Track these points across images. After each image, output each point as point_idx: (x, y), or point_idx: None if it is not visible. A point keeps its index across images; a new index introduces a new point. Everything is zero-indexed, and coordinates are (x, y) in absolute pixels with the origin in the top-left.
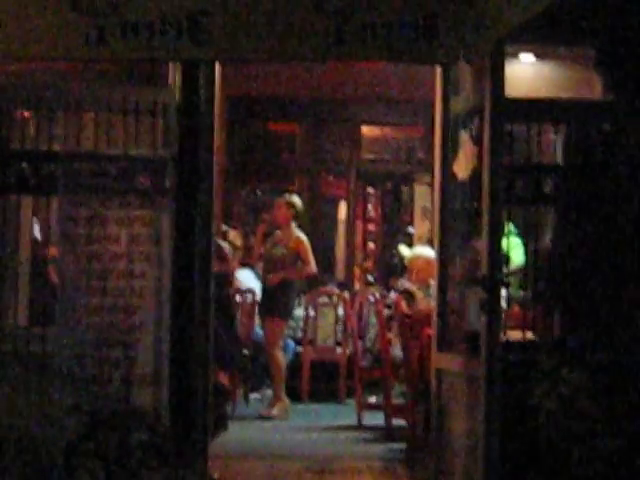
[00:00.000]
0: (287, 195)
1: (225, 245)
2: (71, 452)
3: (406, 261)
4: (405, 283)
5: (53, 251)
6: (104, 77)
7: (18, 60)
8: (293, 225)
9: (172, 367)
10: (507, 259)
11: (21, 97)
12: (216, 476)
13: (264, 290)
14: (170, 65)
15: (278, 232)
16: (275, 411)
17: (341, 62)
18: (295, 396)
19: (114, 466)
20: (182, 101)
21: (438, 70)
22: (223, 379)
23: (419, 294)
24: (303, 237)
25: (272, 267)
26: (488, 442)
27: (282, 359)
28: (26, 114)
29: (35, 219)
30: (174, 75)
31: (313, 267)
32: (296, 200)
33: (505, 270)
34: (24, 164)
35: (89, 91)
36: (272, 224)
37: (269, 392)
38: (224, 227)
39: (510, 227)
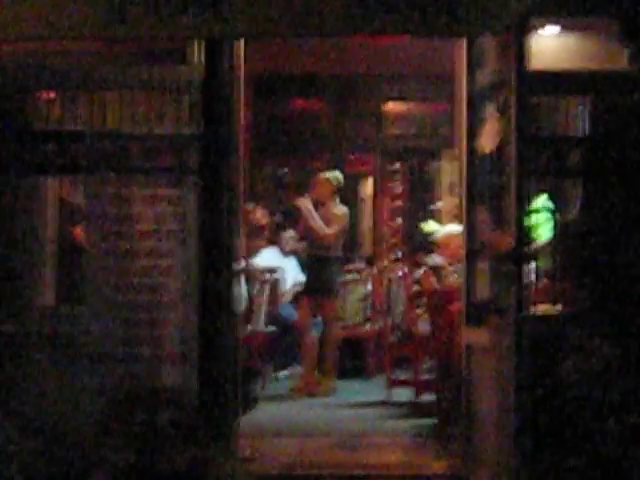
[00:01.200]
0: (325, 171)
1: None
2: (99, 431)
3: (437, 238)
4: (435, 258)
5: (79, 231)
6: (128, 56)
7: (40, 39)
8: (334, 201)
9: (200, 345)
10: (535, 235)
11: (45, 77)
12: (246, 454)
13: (308, 269)
14: (194, 42)
15: (321, 209)
16: (323, 388)
17: (364, 38)
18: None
19: (142, 445)
20: (205, 79)
21: (462, 44)
22: None
23: (448, 269)
24: (343, 211)
25: (312, 245)
26: (517, 416)
27: (337, 336)
28: (51, 94)
29: None
30: (198, 53)
31: (329, 231)
32: (335, 175)
33: (534, 245)
34: (49, 144)
35: (113, 70)
36: (314, 201)
37: (298, 369)
38: (249, 205)
39: (543, 202)
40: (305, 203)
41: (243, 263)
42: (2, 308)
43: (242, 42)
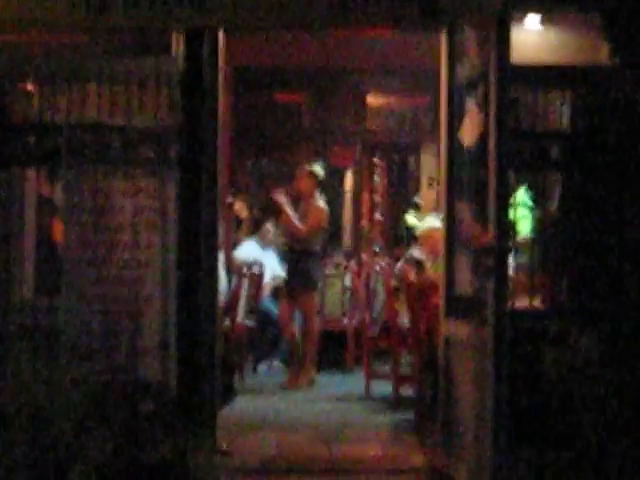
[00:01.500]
0: (308, 165)
1: None
2: (79, 423)
3: (418, 232)
4: (415, 252)
5: (57, 226)
6: (107, 48)
7: (19, 30)
8: (316, 195)
9: (179, 338)
10: (515, 230)
11: (24, 69)
12: (225, 447)
13: (287, 263)
14: (173, 34)
15: (301, 203)
16: (302, 381)
17: (345, 30)
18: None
19: (122, 437)
20: (185, 71)
21: (443, 37)
22: None
23: (428, 263)
24: (322, 206)
25: (293, 238)
26: (497, 410)
27: (315, 330)
28: (29, 86)
29: None
30: (177, 45)
31: (305, 228)
32: (318, 169)
33: (513, 241)
34: (28, 136)
35: (92, 62)
36: (296, 195)
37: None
38: (230, 198)
39: (521, 196)
40: (281, 196)
41: (222, 256)
42: None
43: (223, 34)
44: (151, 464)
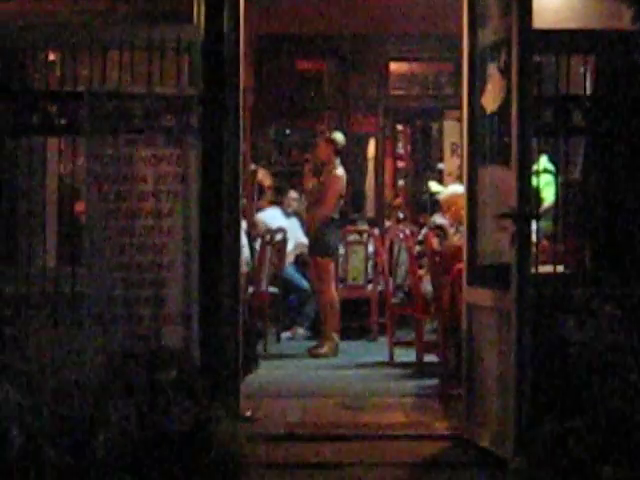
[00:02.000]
0: (328, 132)
1: None
2: (101, 391)
3: (441, 199)
4: (438, 219)
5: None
6: (128, 16)
7: None
8: (335, 162)
9: (202, 305)
10: (539, 197)
11: (45, 38)
12: (248, 414)
13: (308, 230)
14: (195, 2)
15: (322, 169)
16: (324, 349)
17: None
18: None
19: (144, 405)
20: (207, 39)
21: (465, 2)
22: None
23: (451, 230)
24: (339, 174)
25: (307, 203)
26: (520, 375)
27: (331, 297)
28: (51, 55)
29: None
30: (199, 12)
31: (327, 209)
32: (337, 136)
33: (538, 208)
34: (50, 105)
35: (114, 30)
36: (316, 161)
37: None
38: (253, 166)
39: (545, 163)
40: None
41: (245, 224)
42: (3, 270)
43: (243, 2)
44: (174, 432)
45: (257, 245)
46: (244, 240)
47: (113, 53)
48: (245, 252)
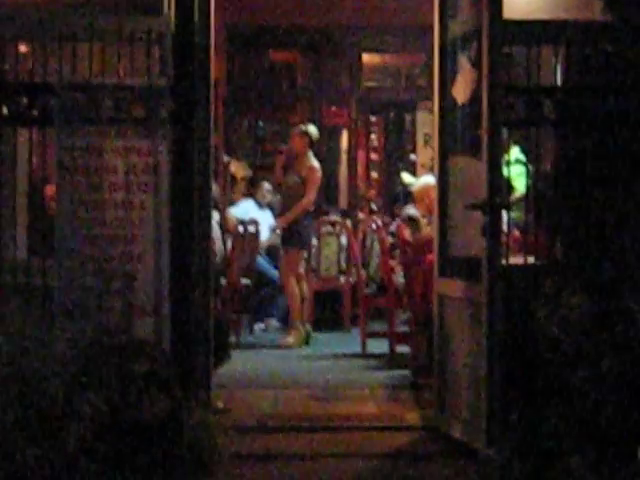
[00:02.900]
0: (301, 124)
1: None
2: (72, 384)
3: (414, 190)
4: (410, 210)
5: (50, 190)
6: (99, 7)
7: None
8: (309, 154)
9: (173, 297)
10: (510, 187)
11: (15, 29)
12: (220, 405)
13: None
14: None
15: (295, 162)
16: (291, 340)
17: None
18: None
19: (116, 397)
20: (177, 29)
21: None
22: None
23: (423, 221)
24: (315, 166)
25: (286, 197)
26: (490, 366)
27: (296, 288)
28: (21, 46)
29: None
30: (169, 3)
31: (309, 200)
32: (311, 129)
33: (509, 198)
34: (20, 97)
35: (83, 21)
36: (289, 154)
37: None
38: (226, 158)
39: (516, 154)
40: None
41: (218, 216)
42: None
43: None
44: (146, 423)
45: (230, 237)
46: (217, 232)
47: (83, 44)
48: (218, 244)
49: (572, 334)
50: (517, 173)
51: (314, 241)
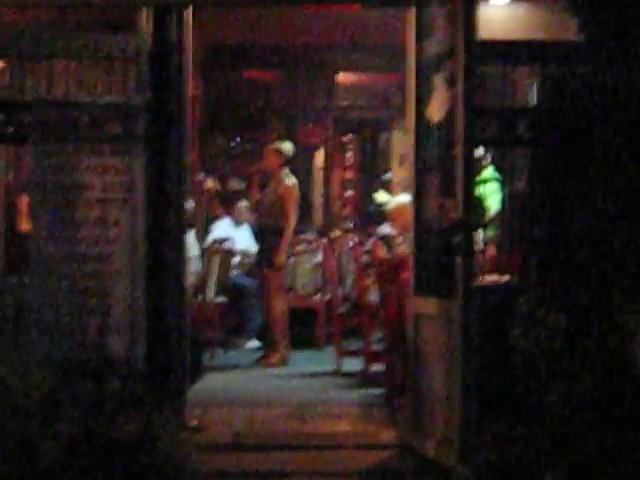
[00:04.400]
0: (275, 142)
1: None
2: (47, 401)
3: (389, 209)
4: (385, 229)
5: (24, 203)
6: (76, 25)
7: None
8: (284, 172)
9: (147, 315)
10: (484, 206)
11: None
12: (195, 423)
13: (260, 241)
14: (141, 11)
15: (270, 180)
16: (274, 359)
17: (315, 7)
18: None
19: (90, 415)
20: (153, 48)
21: (411, 14)
22: None
23: (398, 240)
24: (291, 184)
25: (262, 215)
26: (465, 384)
27: (282, 309)
28: None
29: None
30: (145, 22)
31: (291, 221)
32: (285, 146)
33: (483, 217)
34: None
35: (61, 39)
36: (264, 172)
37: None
38: (201, 175)
39: (490, 172)
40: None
41: (194, 233)
42: None
43: (191, 11)
44: (120, 441)
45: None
46: (194, 251)
47: (60, 62)
48: (195, 262)
49: (545, 353)
50: (491, 191)
51: (290, 259)
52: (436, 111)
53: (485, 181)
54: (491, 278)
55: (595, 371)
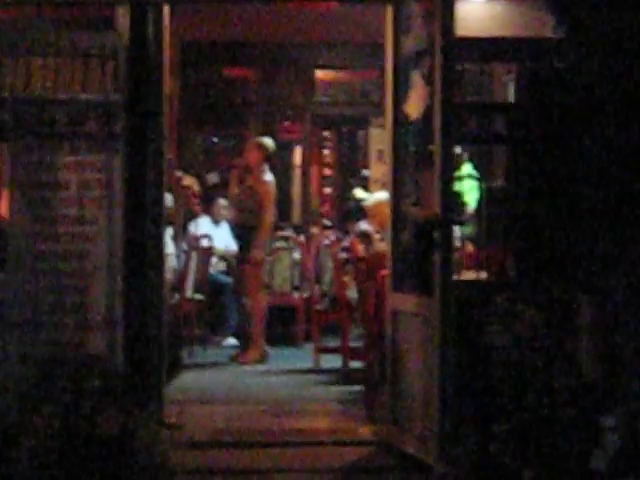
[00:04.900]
0: (258, 137)
1: None
2: (25, 399)
3: (367, 206)
4: (363, 225)
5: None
6: (53, 23)
7: None
8: (264, 168)
9: (125, 312)
10: (463, 202)
11: None
12: (173, 420)
13: (238, 238)
14: (119, 8)
15: (249, 176)
16: (252, 356)
17: (294, 4)
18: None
19: (69, 412)
20: (131, 45)
21: (389, 10)
22: None
23: (376, 236)
24: (269, 180)
25: (240, 211)
26: (443, 381)
27: (262, 305)
28: None
29: None
30: (123, 19)
31: (270, 216)
32: (267, 142)
33: (462, 213)
34: None
35: (38, 37)
36: (244, 167)
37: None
38: (179, 173)
39: (468, 169)
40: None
41: (172, 231)
42: None
43: (168, 8)
44: (99, 438)
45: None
46: (171, 248)
47: (37, 59)
48: (172, 260)
49: (523, 349)
50: (469, 187)
51: (267, 256)
52: (414, 108)
53: (462, 178)
54: (469, 275)
55: (573, 368)
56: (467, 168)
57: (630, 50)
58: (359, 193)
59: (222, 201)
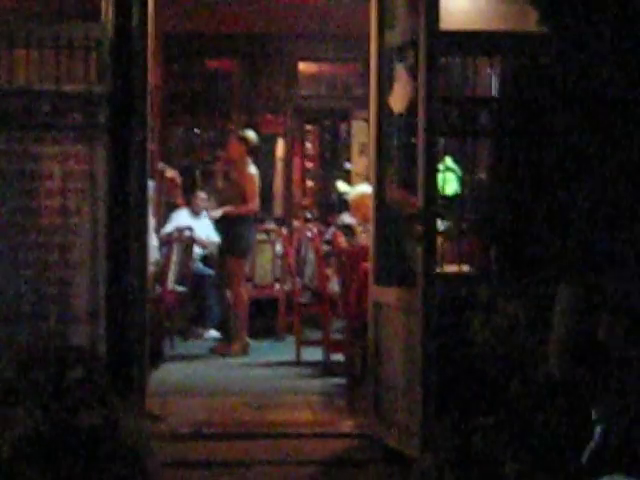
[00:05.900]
0: (240, 130)
1: None
2: (7, 390)
3: (350, 199)
4: (346, 218)
5: None
6: (37, 14)
7: None
8: (247, 160)
9: (108, 304)
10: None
11: None
12: (155, 412)
13: (220, 229)
14: (103, 0)
15: (232, 168)
16: (234, 348)
17: None
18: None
19: (51, 403)
20: (115, 36)
21: (373, 3)
22: None
23: (358, 229)
24: (253, 172)
25: (224, 204)
26: (425, 374)
27: (244, 297)
28: None
29: None
30: (107, 10)
31: (254, 204)
32: (249, 134)
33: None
34: None
35: (22, 28)
36: (227, 161)
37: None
38: (161, 165)
39: (448, 162)
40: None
41: (154, 222)
42: None
43: (152, 0)
44: (81, 430)
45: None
46: (153, 240)
47: (21, 50)
48: (154, 252)
49: (505, 343)
50: (450, 180)
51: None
52: (398, 101)
53: (443, 171)
54: (451, 268)
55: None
56: (448, 162)
57: (615, 44)
58: (342, 186)
59: (201, 194)
